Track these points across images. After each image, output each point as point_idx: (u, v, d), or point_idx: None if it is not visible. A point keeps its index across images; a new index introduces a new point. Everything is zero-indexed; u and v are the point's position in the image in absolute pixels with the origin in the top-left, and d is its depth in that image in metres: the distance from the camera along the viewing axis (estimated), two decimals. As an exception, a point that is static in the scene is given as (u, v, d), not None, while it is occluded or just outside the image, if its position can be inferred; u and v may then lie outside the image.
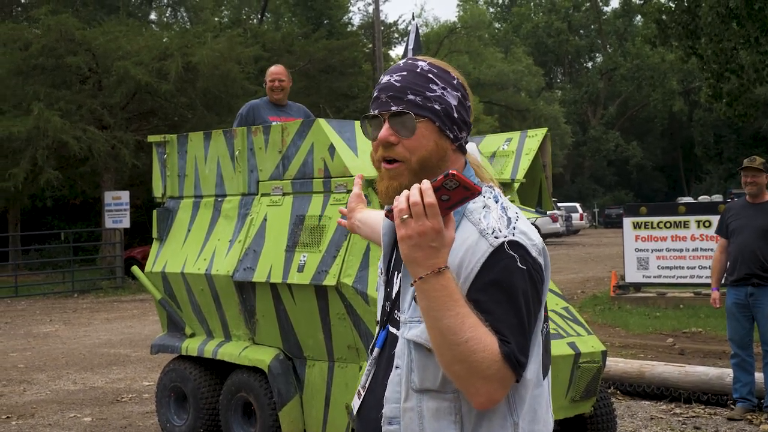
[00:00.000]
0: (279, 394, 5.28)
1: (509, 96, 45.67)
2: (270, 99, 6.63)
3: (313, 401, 5.23)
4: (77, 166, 22.31)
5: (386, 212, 1.78)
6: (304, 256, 5.10)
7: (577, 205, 41.78)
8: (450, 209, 1.66)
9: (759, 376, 6.82)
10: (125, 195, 20.59)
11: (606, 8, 65.04)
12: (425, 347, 1.75)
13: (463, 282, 1.71)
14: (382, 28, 33.57)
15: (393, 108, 1.83)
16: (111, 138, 20.20)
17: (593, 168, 59.76)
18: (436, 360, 1.71)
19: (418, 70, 1.86)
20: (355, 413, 1.98)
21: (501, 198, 1.83)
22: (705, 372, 7.20)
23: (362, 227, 2.43)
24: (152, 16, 34.24)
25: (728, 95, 17.35)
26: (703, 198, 34.11)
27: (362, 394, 1.96)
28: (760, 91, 24.89)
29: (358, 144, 5.25)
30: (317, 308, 5.08)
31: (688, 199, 39.47)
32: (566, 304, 5.38)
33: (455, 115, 1.86)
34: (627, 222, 13.34)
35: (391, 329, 1.91)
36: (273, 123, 5.84)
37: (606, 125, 60.27)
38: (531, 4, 65.55)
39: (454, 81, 1.89)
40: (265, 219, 5.50)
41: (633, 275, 13.35)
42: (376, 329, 1.99)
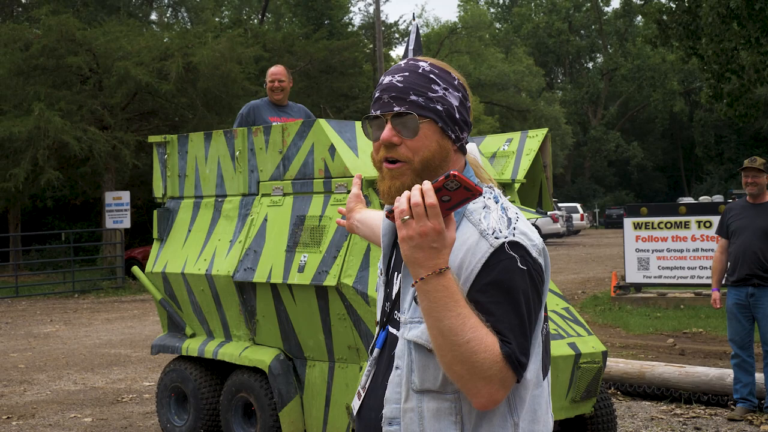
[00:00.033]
0: (279, 395, 5.28)
1: (510, 96, 45.68)
2: (270, 99, 6.64)
3: (314, 401, 5.23)
4: (78, 167, 22.32)
5: (387, 213, 1.78)
6: (305, 257, 5.10)
7: (578, 206, 41.78)
8: (451, 210, 1.66)
9: (759, 377, 6.82)
10: (126, 195, 20.61)
11: (607, 8, 65.06)
12: (426, 348, 1.75)
13: (464, 282, 1.72)
14: (383, 29, 33.60)
15: (396, 109, 1.83)
16: (112, 138, 20.21)
17: (594, 168, 59.77)
18: (437, 360, 1.71)
19: (420, 71, 1.86)
20: (355, 414, 1.98)
21: (501, 198, 1.83)
22: (705, 372, 7.19)
23: (361, 227, 2.43)
24: (153, 17, 34.29)
25: (729, 96, 17.35)
26: (704, 198, 34.06)
27: (362, 395, 1.96)
28: (761, 92, 24.91)
29: (359, 144, 5.25)
30: (318, 308, 5.09)
31: (689, 200, 39.44)
32: (567, 305, 5.38)
33: (457, 116, 1.87)
34: (627, 222, 13.34)
35: (391, 330, 1.91)
36: (273, 123, 5.84)
37: (607, 125, 60.28)
38: (532, 5, 65.56)
39: (455, 81, 1.89)
40: (266, 219, 5.50)
41: (633, 275, 13.35)
42: (376, 330, 1.99)
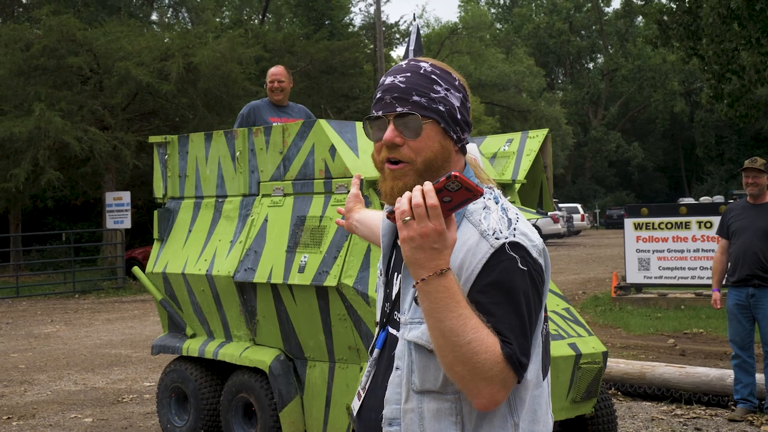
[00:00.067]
0: (280, 395, 5.28)
1: (510, 97, 45.69)
2: (270, 100, 6.64)
3: (314, 402, 5.23)
4: (78, 167, 22.33)
5: (388, 214, 1.78)
6: (305, 257, 5.10)
7: (579, 206, 41.77)
8: (452, 211, 1.66)
9: (760, 377, 6.82)
10: (126, 195, 20.62)
11: (607, 9, 65.05)
12: (426, 348, 1.75)
13: (464, 283, 1.72)
14: (384, 29, 33.59)
15: (399, 109, 1.83)
16: (112, 138, 20.22)
17: (594, 169, 59.76)
18: (437, 361, 1.71)
19: (422, 72, 1.86)
20: (355, 414, 1.98)
21: (501, 199, 1.83)
22: (706, 373, 7.19)
23: (360, 227, 2.43)
24: (153, 17, 34.30)
25: (729, 96, 17.36)
26: (705, 199, 34.04)
27: (362, 396, 1.96)
28: (761, 92, 24.90)
29: (359, 145, 5.25)
30: (318, 309, 5.09)
31: (690, 200, 39.42)
32: (567, 305, 5.38)
33: (458, 116, 1.87)
34: (628, 223, 13.34)
35: (391, 330, 1.91)
36: (274, 124, 5.84)
37: (607, 126, 60.28)
38: (532, 5, 65.55)
39: (456, 82, 1.89)
40: (266, 220, 5.50)
41: (634, 276, 13.34)
42: (376, 330, 1.99)
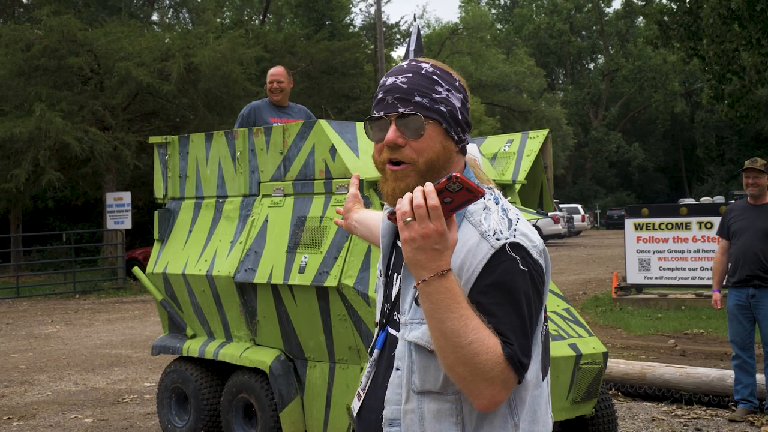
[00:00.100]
0: (280, 396, 5.28)
1: (511, 97, 45.68)
2: (270, 100, 6.64)
3: (314, 402, 5.23)
4: (79, 167, 22.33)
5: (389, 215, 1.78)
6: (306, 258, 5.10)
7: (579, 207, 41.76)
8: (453, 212, 1.66)
9: (760, 378, 6.82)
10: (127, 196, 20.62)
11: (608, 9, 65.06)
12: (426, 349, 1.75)
13: (465, 284, 1.71)
14: (384, 30, 33.60)
15: (401, 110, 1.82)
16: (113, 139, 20.22)
17: (595, 169, 59.76)
18: (438, 362, 1.71)
19: (423, 72, 1.86)
20: (355, 415, 1.98)
21: (501, 200, 1.84)
22: (706, 373, 7.19)
23: (359, 227, 2.43)
24: (154, 17, 34.33)
25: (730, 97, 17.35)
26: (705, 199, 34.05)
27: (362, 396, 1.96)
28: (762, 93, 24.89)
29: (360, 145, 5.25)
30: (318, 309, 5.09)
31: (690, 201, 39.45)
32: (567, 306, 5.38)
33: (459, 117, 1.87)
34: (629, 223, 13.34)
35: (391, 331, 1.91)
36: (274, 124, 5.84)
37: (608, 126, 60.28)
38: (533, 6, 65.54)
39: (456, 83, 1.89)
40: (267, 220, 5.50)
41: (634, 276, 13.34)
42: (375, 331, 1.99)
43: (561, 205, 39.42)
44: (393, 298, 1.92)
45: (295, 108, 6.78)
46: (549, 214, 28.91)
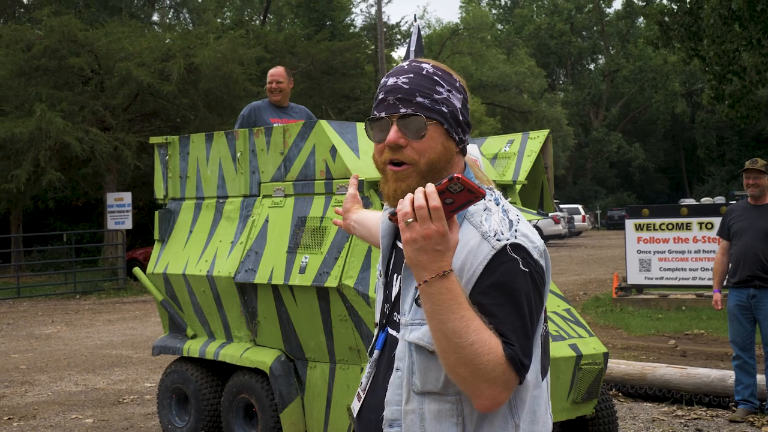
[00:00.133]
0: (280, 396, 5.28)
1: (511, 97, 45.68)
2: (270, 100, 6.64)
3: (315, 403, 5.23)
4: (79, 168, 22.34)
5: (389, 215, 1.78)
6: (306, 258, 5.10)
7: (580, 207, 41.76)
8: (454, 212, 1.66)
9: (761, 378, 6.81)
10: (127, 196, 20.63)
11: (608, 10, 65.06)
12: (427, 350, 1.75)
13: (465, 284, 1.72)
14: (385, 30, 33.59)
15: (402, 110, 1.82)
16: (113, 139, 20.23)
17: (595, 170, 59.76)
18: (438, 362, 1.71)
19: (424, 73, 1.86)
20: (356, 415, 1.98)
21: (502, 200, 1.84)
22: (707, 374, 7.19)
23: (358, 228, 2.43)
24: (155, 18, 34.33)
25: (730, 97, 17.35)
26: (706, 200, 34.05)
27: (362, 397, 1.96)
28: (763, 93, 24.90)
29: (360, 145, 5.25)
30: (319, 310, 5.09)
31: (691, 201, 39.43)
32: (568, 306, 5.37)
33: (460, 118, 1.87)
34: (629, 224, 13.34)
35: (391, 331, 1.91)
36: (274, 125, 5.84)
37: (608, 127, 60.28)
38: (533, 6, 65.55)
39: (457, 83, 1.89)
40: (267, 220, 5.50)
41: (635, 277, 13.34)
42: (375, 331, 1.99)
43: (561, 206, 39.41)
44: (393, 299, 1.92)
45: (296, 108, 6.78)
46: (549, 215, 28.92)
